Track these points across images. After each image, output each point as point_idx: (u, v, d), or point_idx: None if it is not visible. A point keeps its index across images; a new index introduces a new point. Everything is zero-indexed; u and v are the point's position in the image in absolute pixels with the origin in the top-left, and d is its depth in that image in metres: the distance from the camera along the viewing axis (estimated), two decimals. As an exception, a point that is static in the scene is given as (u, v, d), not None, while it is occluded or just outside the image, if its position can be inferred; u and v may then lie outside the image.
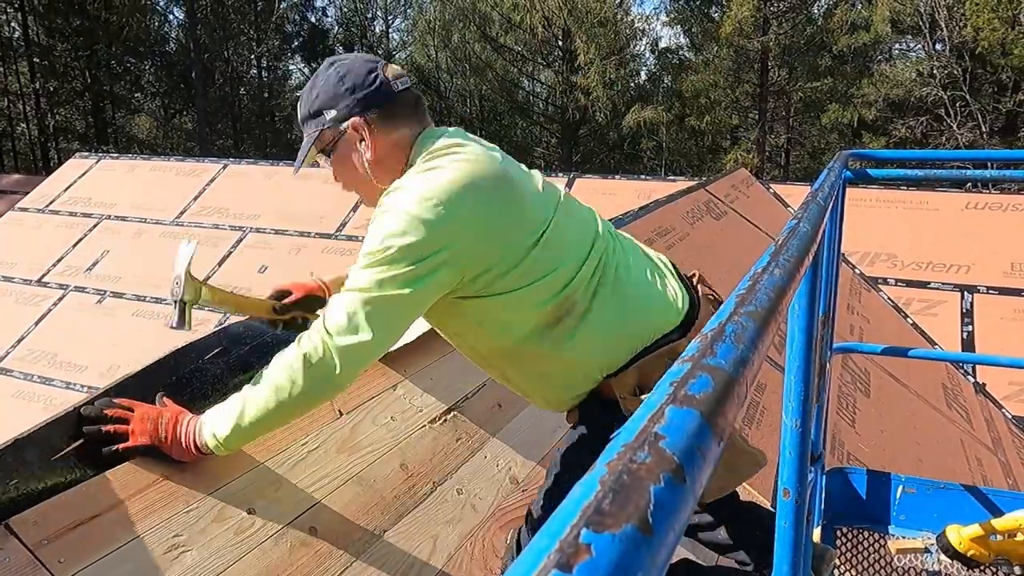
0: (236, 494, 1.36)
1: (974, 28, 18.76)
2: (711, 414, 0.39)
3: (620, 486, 0.32)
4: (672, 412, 0.38)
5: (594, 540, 0.29)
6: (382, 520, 1.52)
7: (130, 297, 6.37)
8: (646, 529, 0.30)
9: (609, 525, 0.29)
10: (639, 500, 0.31)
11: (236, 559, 1.25)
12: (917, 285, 5.04)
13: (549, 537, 0.29)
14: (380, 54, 29.04)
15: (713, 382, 0.42)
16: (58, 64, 23.95)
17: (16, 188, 11.35)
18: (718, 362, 0.45)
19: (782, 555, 1.07)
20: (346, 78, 1.36)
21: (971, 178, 2.18)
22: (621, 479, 0.32)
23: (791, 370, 1.02)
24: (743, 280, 0.62)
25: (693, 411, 0.39)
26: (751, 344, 0.50)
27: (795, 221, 0.84)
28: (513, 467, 1.94)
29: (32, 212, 7.67)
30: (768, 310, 0.57)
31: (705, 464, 0.37)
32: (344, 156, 1.41)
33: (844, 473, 2.28)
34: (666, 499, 0.32)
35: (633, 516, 0.30)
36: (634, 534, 0.29)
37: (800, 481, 1.05)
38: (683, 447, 0.36)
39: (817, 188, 1.25)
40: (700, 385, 0.42)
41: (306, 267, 6.13)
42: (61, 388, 5.74)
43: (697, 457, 0.36)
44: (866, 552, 2.14)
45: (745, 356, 0.48)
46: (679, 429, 0.37)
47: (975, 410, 4.33)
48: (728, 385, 0.43)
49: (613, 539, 0.29)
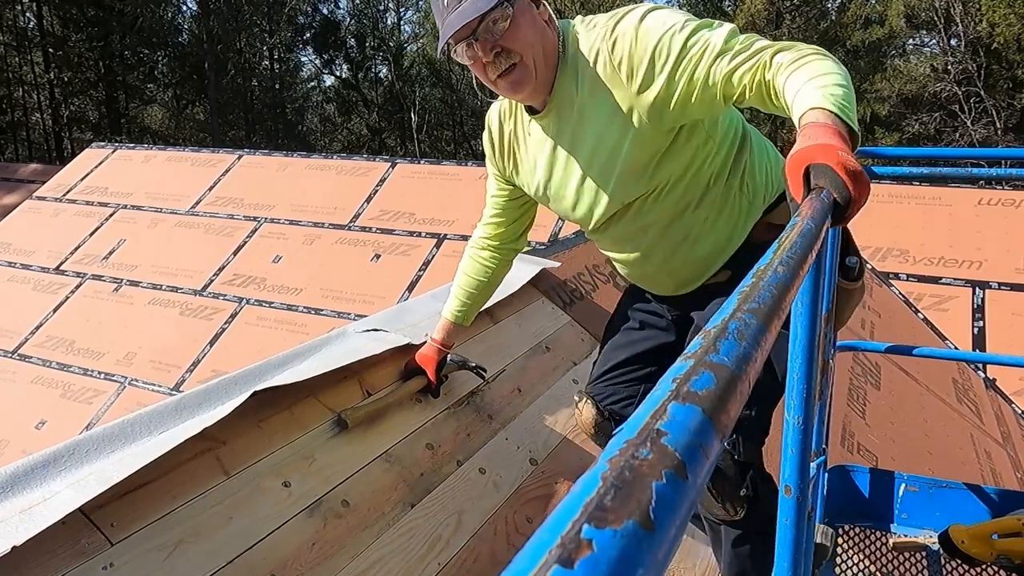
0: (272, 468, 1.42)
1: (989, 23, 18.61)
2: (713, 411, 0.39)
3: (622, 482, 0.32)
4: (674, 408, 0.38)
5: (596, 536, 0.28)
6: (410, 496, 1.58)
7: (146, 285, 6.45)
8: (648, 525, 0.30)
9: (611, 521, 0.29)
10: (641, 496, 0.31)
11: (277, 527, 1.31)
12: (929, 280, 5.06)
13: (550, 532, 0.29)
14: (392, 46, 29.07)
15: (715, 379, 0.42)
16: (72, 54, 24.08)
17: (33, 178, 11.46)
18: (721, 359, 0.45)
19: (783, 553, 1.07)
20: None
21: (983, 176, 2.20)
22: (623, 475, 0.32)
23: (793, 367, 1.02)
24: (746, 277, 0.62)
25: (695, 408, 0.39)
26: (754, 341, 0.50)
27: (799, 218, 0.83)
28: (532, 450, 1.99)
29: (49, 201, 7.77)
30: (771, 307, 0.56)
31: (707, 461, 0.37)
32: (523, 9, 1.36)
33: (846, 471, 2.27)
34: (668, 495, 0.32)
35: (635, 512, 0.30)
36: (636, 530, 0.29)
37: (802, 478, 1.06)
38: (685, 444, 0.36)
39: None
40: (703, 382, 0.41)
41: (319, 257, 6.19)
42: (79, 374, 5.83)
43: (699, 454, 0.36)
44: (868, 550, 2.14)
45: (748, 353, 0.48)
46: (681, 426, 0.37)
47: (985, 405, 4.36)
48: (731, 382, 0.43)
49: (615, 535, 0.29)
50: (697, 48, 1.27)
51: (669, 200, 1.49)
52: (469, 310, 1.84)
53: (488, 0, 1.31)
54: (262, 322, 5.82)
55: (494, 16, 1.32)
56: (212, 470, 1.34)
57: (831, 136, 1.04)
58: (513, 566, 0.28)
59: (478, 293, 1.82)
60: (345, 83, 30.41)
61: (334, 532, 1.40)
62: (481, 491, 1.73)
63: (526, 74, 1.38)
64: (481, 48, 1.36)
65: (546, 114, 1.49)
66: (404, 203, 6.43)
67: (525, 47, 1.36)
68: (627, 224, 1.55)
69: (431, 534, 1.54)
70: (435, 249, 5.87)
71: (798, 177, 1.02)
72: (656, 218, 1.52)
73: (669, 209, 1.50)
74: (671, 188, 1.48)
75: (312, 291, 5.94)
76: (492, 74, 1.40)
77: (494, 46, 1.35)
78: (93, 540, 1.13)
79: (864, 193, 1.01)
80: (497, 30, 1.34)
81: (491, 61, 1.37)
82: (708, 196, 1.50)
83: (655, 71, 1.31)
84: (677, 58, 1.29)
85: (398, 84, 28.50)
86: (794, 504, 1.06)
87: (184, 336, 5.84)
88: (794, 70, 1.17)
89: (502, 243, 1.79)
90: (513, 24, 1.34)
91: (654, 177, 1.45)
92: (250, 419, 1.46)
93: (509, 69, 1.38)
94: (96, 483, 1.15)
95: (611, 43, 1.36)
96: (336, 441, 1.56)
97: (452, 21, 1.33)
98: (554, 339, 2.44)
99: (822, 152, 1.01)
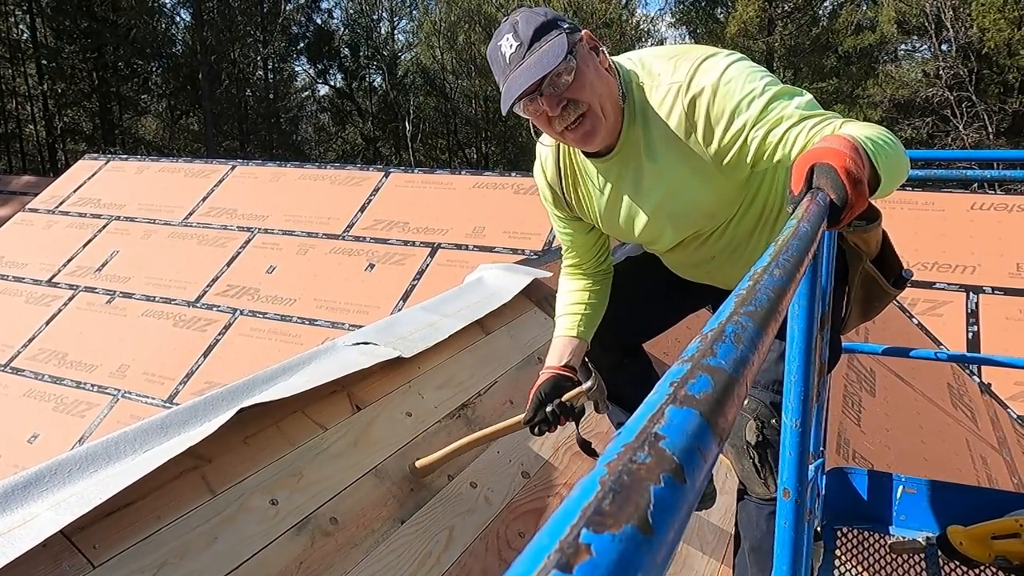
0: (259, 486, 1.40)
1: (980, 28, 18.74)
2: (711, 414, 0.39)
3: (620, 486, 0.32)
4: (672, 412, 0.38)
5: (594, 540, 0.28)
6: (400, 511, 1.56)
7: (139, 297, 6.42)
8: (646, 529, 0.30)
9: (609, 525, 0.29)
10: (639, 500, 0.31)
11: (263, 546, 1.29)
12: (922, 285, 5.06)
13: (549, 537, 0.29)
14: (386, 55, 29.13)
15: (713, 382, 0.42)
16: (66, 66, 24.08)
17: (26, 189, 11.42)
18: (718, 362, 0.45)
19: (782, 555, 1.07)
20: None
21: (976, 178, 2.19)
22: (621, 479, 0.32)
23: (791, 370, 1.02)
24: (743, 280, 0.62)
25: (693, 411, 0.39)
26: (751, 344, 0.50)
27: (795, 220, 0.83)
28: (524, 462, 1.97)
29: (42, 213, 7.74)
30: (768, 310, 0.57)
31: (705, 464, 0.37)
32: (585, 59, 1.37)
33: (844, 473, 2.27)
34: (666, 499, 0.32)
35: (633, 516, 0.30)
36: (634, 534, 0.29)
37: (800, 481, 1.06)
38: (683, 447, 0.36)
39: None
40: (700, 385, 0.42)
41: (313, 267, 6.18)
42: (71, 387, 5.79)
43: (697, 457, 0.36)
44: (866, 552, 2.14)
45: (745, 356, 0.48)
46: (679, 429, 0.37)
47: (980, 410, 4.35)
48: (728, 385, 0.43)
49: (613, 539, 0.29)
50: (774, 115, 1.29)
51: (739, 228, 1.55)
52: (584, 322, 1.74)
53: (554, 57, 1.31)
54: (256, 333, 5.80)
55: (558, 70, 1.32)
56: (198, 489, 1.32)
57: (845, 147, 1.07)
58: (512, 571, 0.28)
59: (591, 310, 1.76)
60: (339, 92, 30.46)
61: (322, 550, 1.38)
62: (472, 506, 1.72)
63: (597, 122, 1.38)
64: (547, 103, 1.35)
65: (609, 159, 1.50)
66: (398, 212, 6.42)
67: (592, 96, 1.36)
68: (693, 251, 1.62)
69: (421, 551, 1.52)
70: (429, 258, 5.87)
71: (801, 173, 1.06)
72: (721, 245, 1.58)
73: (734, 237, 1.57)
74: (739, 220, 1.54)
75: (306, 301, 5.92)
76: (559, 127, 1.39)
77: (560, 99, 1.35)
78: (75, 563, 1.12)
79: (860, 200, 1.04)
80: (562, 83, 1.34)
81: (558, 115, 1.36)
82: (772, 221, 1.55)
83: (732, 133, 1.34)
84: (755, 122, 1.31)
85: (392, 93, 28.54)
86: (792, 506, 1.06)
87: (177, 348, 5.82)
88: (856, 127, 1.21)
89: (587, 271, 1.78)
90: (578, 75, 1.35)
91: (725, 214, 1.52)
92: (237, 435, 1.44)
93: (578, 120, 1.37)
94: (78, 504, 1.13)
95: (687, 100, 1.37)
96: (324, 457, 1.55)
97: (517, 79, 1.33)
98: (547, 350, 2.42)
99: (830, 154, 1.05)
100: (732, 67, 1.35)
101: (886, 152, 1.16)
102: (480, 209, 6.14)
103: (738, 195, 1.50)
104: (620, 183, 1.53)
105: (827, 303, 1.39)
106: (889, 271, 1.68)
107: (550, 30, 1.34)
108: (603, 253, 1.78)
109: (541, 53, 1.32)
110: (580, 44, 1.37)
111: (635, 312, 1.83)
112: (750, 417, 1.55)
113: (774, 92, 1.31)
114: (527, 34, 1.33)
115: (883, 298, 1.72)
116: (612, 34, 22.68)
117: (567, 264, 1.80)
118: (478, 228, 5.97)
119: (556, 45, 1.32)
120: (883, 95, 20.78)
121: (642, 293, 1.84)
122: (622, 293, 1.79)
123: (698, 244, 1.60)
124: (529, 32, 1.33)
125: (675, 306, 1.90)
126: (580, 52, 1.36)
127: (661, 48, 1.50)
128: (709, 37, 23.73)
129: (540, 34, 1.33)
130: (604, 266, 1.80)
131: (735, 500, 1.77)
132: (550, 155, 1.62)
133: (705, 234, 1.57)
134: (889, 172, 1.15)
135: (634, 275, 1.85)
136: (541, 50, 1.32)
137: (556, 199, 1.67)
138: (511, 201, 6.11)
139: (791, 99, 1.30)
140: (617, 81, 1.42)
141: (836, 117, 1.27)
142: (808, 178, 1.05)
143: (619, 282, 1.80)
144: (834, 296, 1.50)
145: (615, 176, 1.53)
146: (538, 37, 1.33)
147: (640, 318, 1.86)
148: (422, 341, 2.00)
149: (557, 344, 1.73)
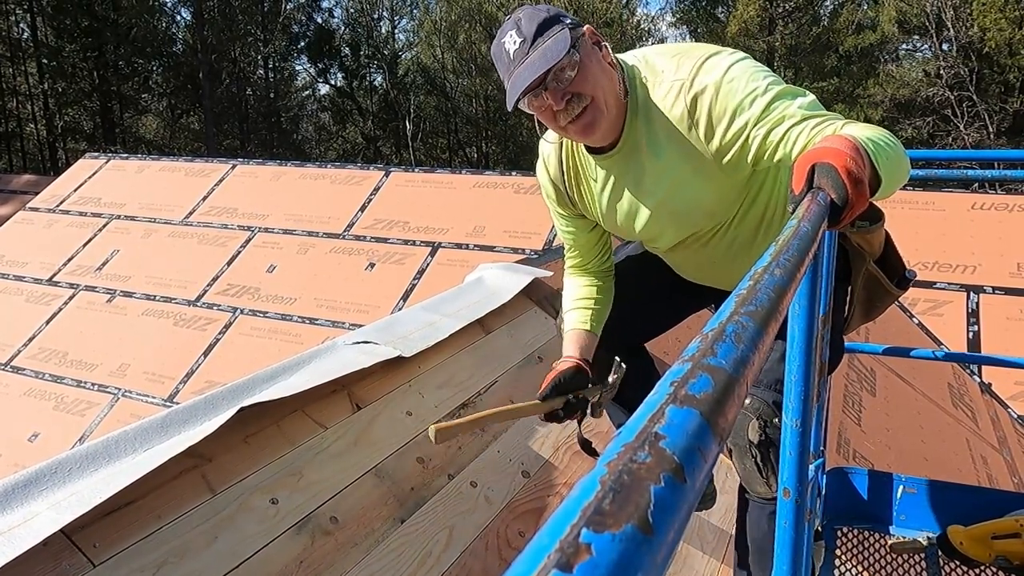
0: (259, 485, 1.40)
1: (981, 28, 18.73)
2: (711, 414, 0.39)
3: (620, 486, 0.32)
4: (672, 412, 0.38)
5: (594, 540, 0.28)
6: (400, 511, 1.56)
7: (140, 296, 6.43)
8: (646, 529, 0.30)
9: (609, 525, 0.29)
10: (639, 500, 0.31)
11: (263, 545, 1.29)
12: (923, 285, 5.06)
13: (549, 537, 0.29)
14: (386, 55, 29.14)
15: (713, 382, 0.42)
16: (66, 65, 24.08)
17: (27, 188, 11.43)
18: (718, 362, 0.45)
19: (782, 555, 1.07)
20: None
21: (977, 178, 2.21)
22: (621, 479, 0.32)
23: (791, 370, 1.02)
24: (743, 280, 0.62)
25: (693, 411, 0.39)
26: (751, 344, 0.50)
27: (796, 220, 0.84)
28: (524, 462, 1.97)
29: (43, 212, 7.74)
30: (768, 310, 0.56)
31: (705, 464, 0.36)
32: (588, 53, 1.38)
33: (844, 473, 2.27)
34: (666, 499, 0.32)
35: (633, 516, 0.30)
36: (634, 534, 0.29)
37: (800, 480, 1.06)
38: (683, 447, 0.36)
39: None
40: (700, 385, 0.42)
41: (314, 267, 6.18)
42: (72, 386, 5.80)
43: (697, 457, 0.36)
44: (866, 552, 2.14)
45: (745, 356, 0.48)
46: (679, 429, 0.37)
47: (981, 409, 4.35)
48: (728, 385, 0.43)
49: (613, 539, 0.29)
50: (776, 114, 1.29)
51: (740, 230, 1.55)
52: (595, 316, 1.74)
53: (557, 51, 1.32)
54: (256, 332, 5.80)
55: (562, 64, 1.33)
56: (198, 488, 1.32)
57: (846, 147, 1.08)
58: (512, 571, 0.27)
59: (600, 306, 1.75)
60: (340, 92, 30.45)
61: (322, 550, 1.38)
62: (472, 505, 1.72)
63: (599, 115, 1.39)
64: (551, 97, 1.37)
65: (612, 155, 1.50)
66: (398, 212, 6.42)
67: (596, 88, 1.38)
68: (694, 252, 1.62)
69: (421, 550, 1.52)
70: (430, 257, 5.86)
71: (802, 173, 1.06)
72: (723, 246, 1.59)
73: (735, 238, 1.57)
74: (740, 221, 1.54)
75: (306, 301, 5.92)
76: (563, 120, 1.40)
77: (564, 93, 1.36)
78: (75, 562, 1.12)
79: (861, 200, 1.05)
80: (565, 78, 1.35)
81: (563, 108, 1.38)
82: (775, 224, 1.55)
83: (734, 132, 1.34)
84: (757, 121, 1.31)
85: (393, 92, 28.54)
86: (793, 506, 1.06)
87: (178, 347, 5.82)
88: (857, 128, 1.21)
89: (590, 269, 1.78)
90: (582, 69, 1.36)
91: (726, 213, 1.52)
92: (237, 435, 1.44)
93: (581, 113, 1.38)
94: (78, 504, 1.13)
95: (690, 97, 1.37)
96: (324, 456, 1.55)
97: (521, 75, 1.34)
98: (547, 349, 2.42)
99: (831, 154, 1.06)
100: (735, 66, 1.35)
101: (887, 153, 1.17)
102: (480, 208, 6.13)
103: (739, 195, 1.50)
104: (622, 180, 1.54)
105: (828, 303, 1.39)
106: (892, 272, 1.69)
107: (553, 26, 1.35)
108: (605, 252, 1.79)
109: (544, 48, 1.33)
110: (583, 39, 1.38)
111: (637, 312, 1.83)
112: (753, 416, 1.55)
113: (776, 92, 1.31)
114: (530, 30, 1.35)
115: (886, 299, 1.73)
116: (613, 33, 22.67)
117: (570, 264, 1.81)
118: (478, 227, 5.97)
119: (559, 40, 1.33)
120: (884, 95, 20.77)
121: (645, 293, 1.84)
122: (624, 293, 1.80)
123: (699, 245, 1.60)
124: (532, 28, 1.35)
125: (677, 306, 1.90)
126: (583, 47, 1.37)
127: (664, 46, 1.50)
128: (710, 36, 23.73)
129: (543, 30, 1.34)
130: (606, 265, 1.80)
131: (735, 500, 1.77)
132: (553, 152, 1.63)
133: (706, 234, 1.57)
134: (890, 173, 1.15)
135: (636, 275, 1.85)
136: (544, 45, 1.33)
137: (559, 196, 1.67)
138: (511, 200, 6.11)
139: (793, 99, 1.30)
140: (620, 77, 1.43)
141: (838, 118, 1.27)
142: (809, 178, 1.05)
143: (621, 282, 1.81)
144: (837, 296, 1.50)
145: (617, 173, 1.53)
146: (541, 33, 1.34)
147: (642, 318, 1.86)
148: (422, 340, 2.00)
149: (574, 336, 1.72)
